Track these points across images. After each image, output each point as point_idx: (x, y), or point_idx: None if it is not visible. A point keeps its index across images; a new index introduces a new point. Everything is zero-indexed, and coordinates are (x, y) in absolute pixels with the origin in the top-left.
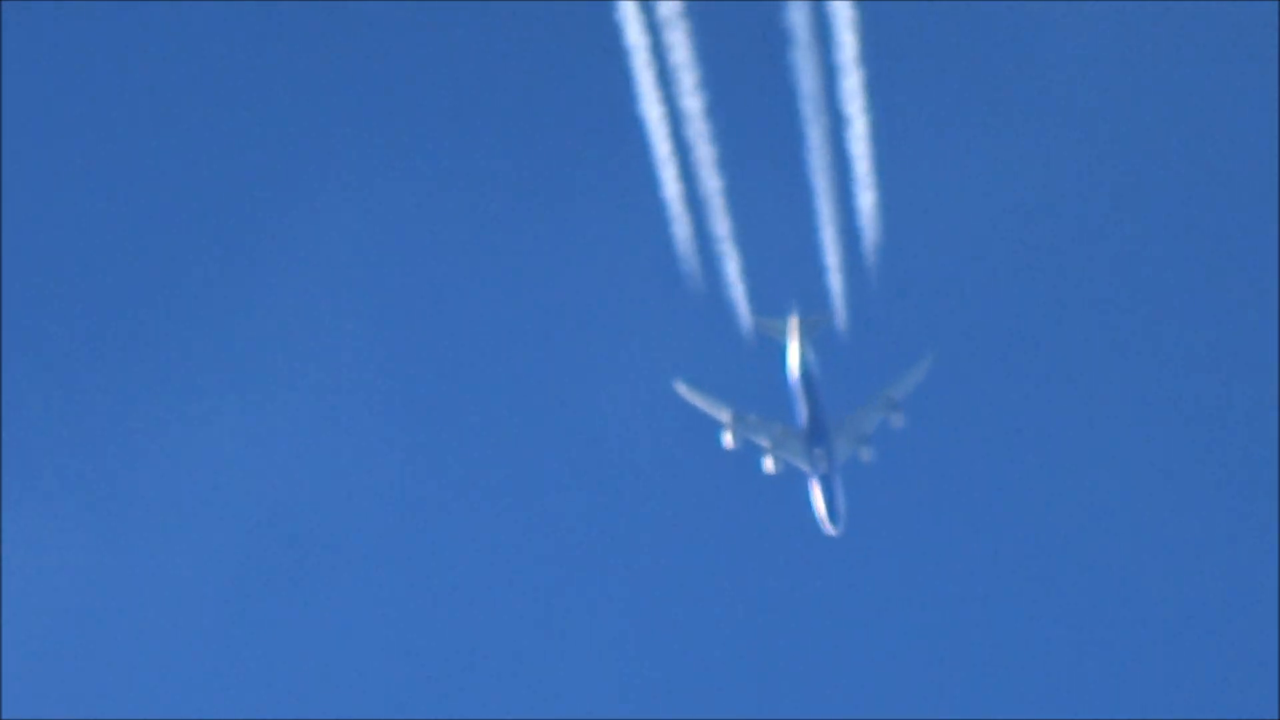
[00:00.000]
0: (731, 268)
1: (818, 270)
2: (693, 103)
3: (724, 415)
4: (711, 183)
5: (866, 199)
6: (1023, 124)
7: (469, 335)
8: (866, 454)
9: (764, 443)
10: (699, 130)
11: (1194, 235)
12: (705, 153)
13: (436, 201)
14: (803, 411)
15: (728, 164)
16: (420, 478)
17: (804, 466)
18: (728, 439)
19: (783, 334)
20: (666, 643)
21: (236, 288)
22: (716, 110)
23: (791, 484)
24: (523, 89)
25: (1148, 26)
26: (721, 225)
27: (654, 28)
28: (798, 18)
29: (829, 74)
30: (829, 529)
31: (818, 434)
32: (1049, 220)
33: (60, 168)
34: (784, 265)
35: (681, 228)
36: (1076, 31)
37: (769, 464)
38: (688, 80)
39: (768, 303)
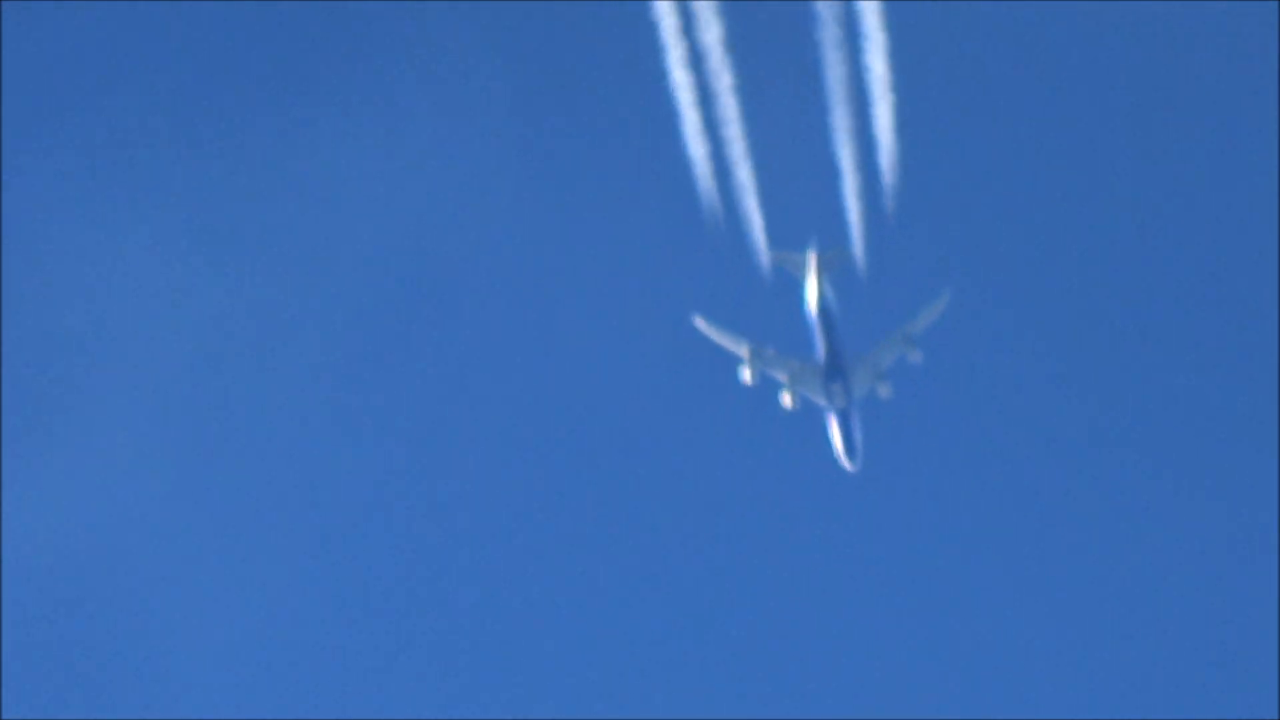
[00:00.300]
0: (750, 203)
1: (836, 206)
2: (712, 37)
3: (742, 350)
4: (731, 118)
5: (886, 135)
6: (1046, 61)
7: (490, 268)
8: (884, 390)
9: (782, 378)
10: (718, 64)
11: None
12: (725, 87)
13: (458, 139)
14: (821, 347)
15: (747, 98)
16: (435, 412)
17: (822, 402)
18: (746, 374)
19: (801, 269)
20: (683, 576)
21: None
22: (736, 44)
23: (809, 419)
24: (541, 22)
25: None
26: (741, 160)
27: None
28: None
29: (849, 7)
30: (846, 464)
31: (835, 369)
32: (1070, 158)
33: None
34: (803, 201)
35: (701, 163)
36: None
37: (787, 399)
38: (708, 14)
39: (786, 238)
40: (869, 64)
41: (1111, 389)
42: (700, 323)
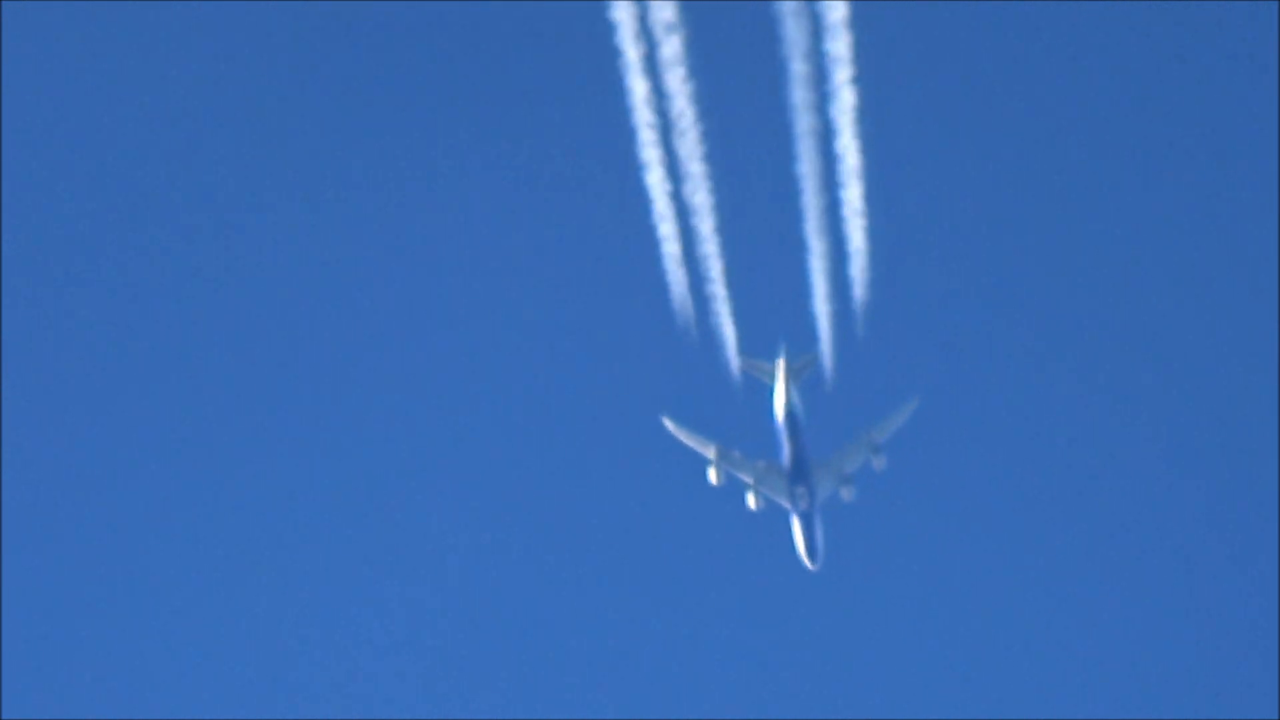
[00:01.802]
0: (723, 310)
1: (807, 315)
2: (689, 145)
3: (710, 452)
4: (706, 226)
5: (857, 246)
6: (1013, 165)
7: (464, 367)
8: (848, 493)
9: (747, 479)
10: (695, 173)
11: (1195, 250)
12: (701, 197)
13: (434, 234)
14: (786, 451)
15: (722, 207)
16: (408, 506)
17: (786, 503)
18: (713, 475)
19: (770, 376)
20: (647, 668)
21: None
22: (712, 153)
23: (774, 520)
24: (520, 123)
25: (1147, 27)
26: (714, 269)
27: (653, 66)
28: (795, 61)
29: (824, 117)
30: (808, 564)
31: (800, 473)
32: (1036, 269)
33: None
34: (774, 309)
35: (675, 270)
36: (1071, 53)
37: (752, 500)
38: (685, 122)
39: (757, 345)
40: (845, 175)
41: (1075, 500)
42: (669, 424)
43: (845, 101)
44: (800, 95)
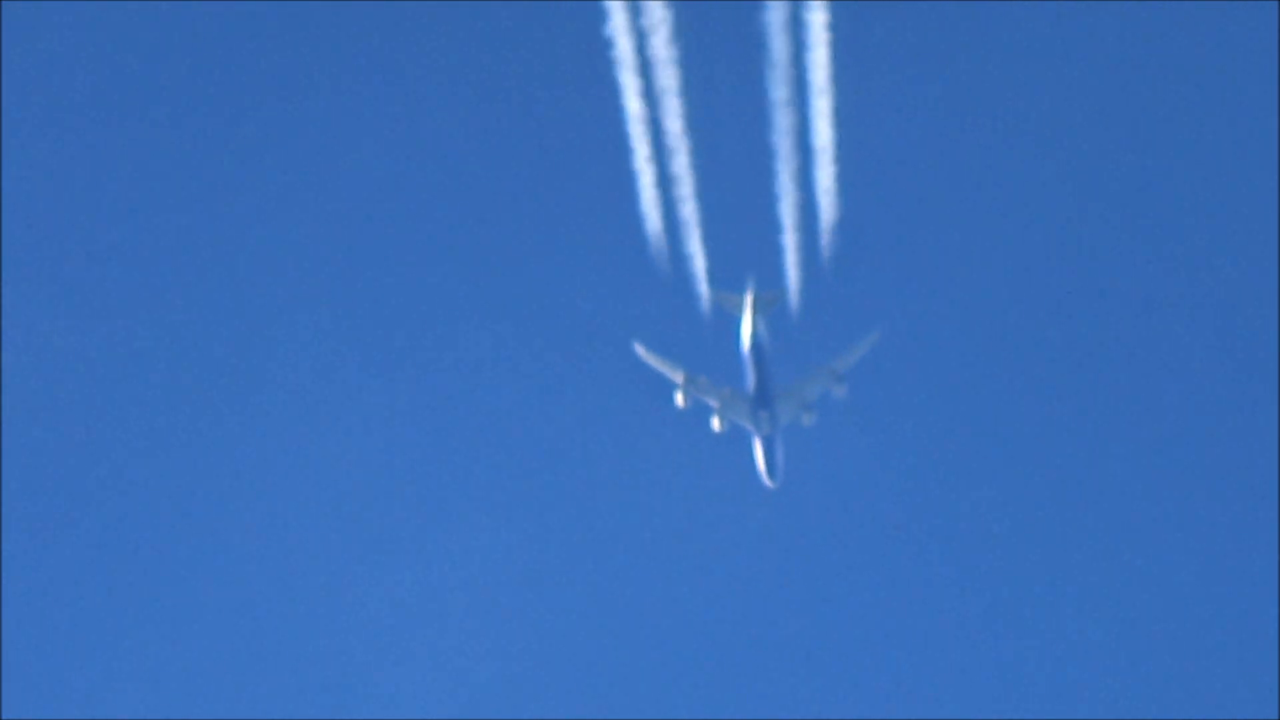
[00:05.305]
0: (695, 245)
1: (775, 250)
2: (666, 80)
3: (678, 376)
4: (681, 164)
5: (825, 185)
6: (981, 108)
7: (445, 298)
8: (808, 419)
9: (713, 403)
10: (671, 110)
11: (1188, 238)
12: (676, 135)
13: (407, 178)
14: (751, 378)
15: (697, 145)
16: (383, 434)
17: (749, 427)
18: (680, 398)
19: (738, 308)
20: (617, 579)
21: None
22: (689, 90)
23: (737, 441)
24: (497, 55)
25: (1146, 26)
26: (688, 206)
27: (635, 13)
28: (773, 10)
29: (797, 59)
30: (768, 482)
31: (764, 399)
32: (1000, 207)
33: None
34: (744, 244)
35: (651, 207)
36: (1051, 24)
37: (716, 423)
38: (665, 63)
39: (727, 278)
40: (814, 120)
41: (1031, 436)
42: (640, 349)
43: (819, 41)
44: (776, 38)
